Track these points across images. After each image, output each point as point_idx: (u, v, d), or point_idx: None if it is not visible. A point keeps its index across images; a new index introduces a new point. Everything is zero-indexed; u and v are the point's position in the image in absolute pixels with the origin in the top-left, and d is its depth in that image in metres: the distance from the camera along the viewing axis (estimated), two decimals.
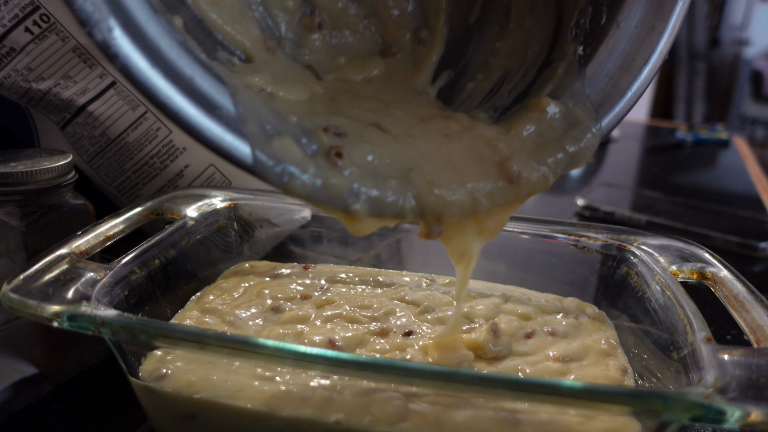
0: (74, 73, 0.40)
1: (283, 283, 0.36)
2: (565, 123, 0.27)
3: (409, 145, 0.25)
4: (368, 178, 0.24)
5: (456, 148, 0.26)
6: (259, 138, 0.22)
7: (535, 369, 0.29)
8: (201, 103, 0.21)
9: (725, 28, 3.10)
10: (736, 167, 0.97)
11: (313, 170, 0.23)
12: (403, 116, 0.27)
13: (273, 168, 0.22)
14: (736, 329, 0.42)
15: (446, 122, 0.27)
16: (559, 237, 0.37)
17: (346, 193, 0.23)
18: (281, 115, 0.24)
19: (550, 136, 0.27)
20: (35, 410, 0.31)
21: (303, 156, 0.23)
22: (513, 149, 0.26)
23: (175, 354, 0.28)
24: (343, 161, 0.23)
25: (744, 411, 0.19)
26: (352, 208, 0.23)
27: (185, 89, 0.21)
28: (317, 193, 0.23)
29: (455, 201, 0.25)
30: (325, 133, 0.24)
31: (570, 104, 0.27)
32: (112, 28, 0.19)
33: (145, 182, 0.44)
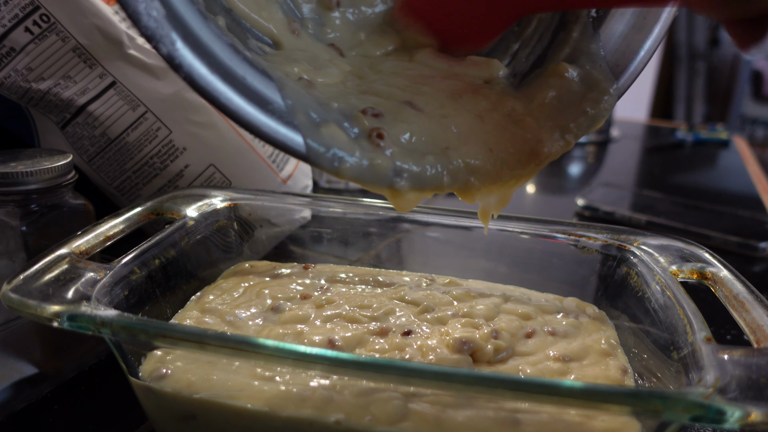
0: (74, 73, 0.40)
1: (283, 283, 0.36)
2: (583, 86, 0.28)
3: (444, 124, 0.27)
4: (408, 156, 0.25)
5: (487, 125, 0.27)
6: (309, 127, 0.24)
7: (536, 369, 0.29)
8: (255, 100, 0.23)
9: None
10: (736, 167, 0.97)
11: (359, 153, 0.25)
12: (432, 93, 0.28)
13: (324, 154, 0.24)
14: (736, 329, 0.42)
15: (476, 98, 0.28)
16: (559, 237, 0.37)
17: (390, 172, 0.25)
18: (324, 102, 0.26)
19: (570, 100, 0.28)
20: (35, 410, 0.31)
21: (348, 140, 0.25)
22: (539, 120, 0.27)
23: (175, 354, 0.28)
24: (385, 141, 0.25)
25: (744, 411, 0.19)
26: (397, 186, 0.25)
27: (241, 89, 0.23)
28: (365, 174, 0.25)
29: (487, 172, 0.26)
30: (364, 115, 0.26)
31: (587, 66, 0.28)
32: (175, 41, 0.21)
33: (145, 182, 0.44)
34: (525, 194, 0.80)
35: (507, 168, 0.27)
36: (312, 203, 0.41)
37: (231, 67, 0.23)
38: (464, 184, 0.26)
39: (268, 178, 0.47)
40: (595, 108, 0.28)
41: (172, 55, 0.21)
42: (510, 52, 0.31)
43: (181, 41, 0.21)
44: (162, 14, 0.20)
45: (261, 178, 0.47)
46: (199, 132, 0.43)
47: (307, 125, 0.24)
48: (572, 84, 0.28)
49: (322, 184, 0.71)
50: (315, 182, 0.68)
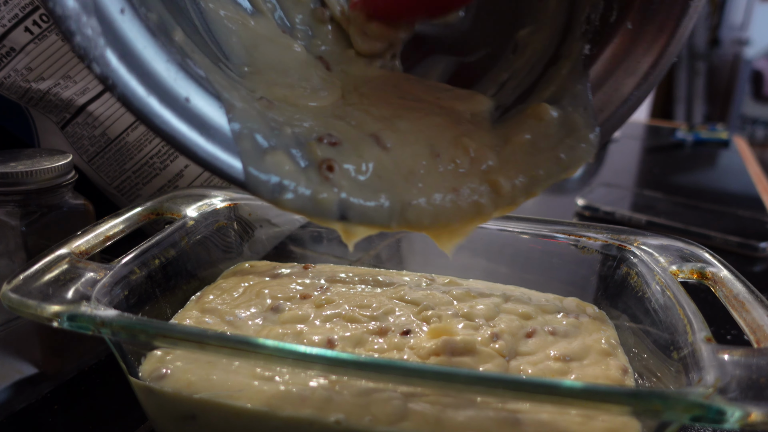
0: (74, 73, 0.40)
1: (283, 282, 0.36)
2: (562, 129, 0.27)
3: (407, 165, 0.26)
4: (358, 192, 0.24)
5: (451, 173, 0.26)
6: (252, 154, 0.23)
7: (536, 368, 0.29)
8: (195, 124, 0.22)
9: (725, 28, 3.10)
10: (736, 167, 0.97)
11: (303, 185, 0.23)
12: (408, 129, 0.27)
13: (265, 184, 0.23)
14: (736, 329, 0.42)
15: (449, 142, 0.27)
16: (559, 237, 0.37)
17: (335, 207, 0.24)
18: (276, 127, 0.24)
19: (545, 145, 0.26)
20: (35, 410, 0.31)
21: (295, 170, 0.24)
22: (509, 168, 0.26)
23: (174, 354, 0.28)
24: (334, 174, 0.24)
25: (744, 411, 0.19)
26: (340, 221, 0.24)
27: (181, 112, 0.22)
28: (307, 207, 0.24)
29: (439, 217, 0.25)
30: (319, 143, 0.25)
31: (569, 108, 0.27)
32: (110, 61, 0.20)
33: (145, 182, 0.44)
34: None
35: (462, 215, 0.26)
36: None
37: (173, 88, 0.22)
38: (415, 226, 0.25)
39: None
40: (569, 155, 0.26)
41: (106, 74, 0.20)
42: (499, 81, 0.30)
43: (117, 60, 0.20)
44: (98, 32, 0.19)
45: None
46: None
47: (250, 152, 0.23)
48: (550, 127, 0.26)
49: None
50: None
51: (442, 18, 0.32)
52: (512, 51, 0.30)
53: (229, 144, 0.23)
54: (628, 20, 0.26)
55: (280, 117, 0.25)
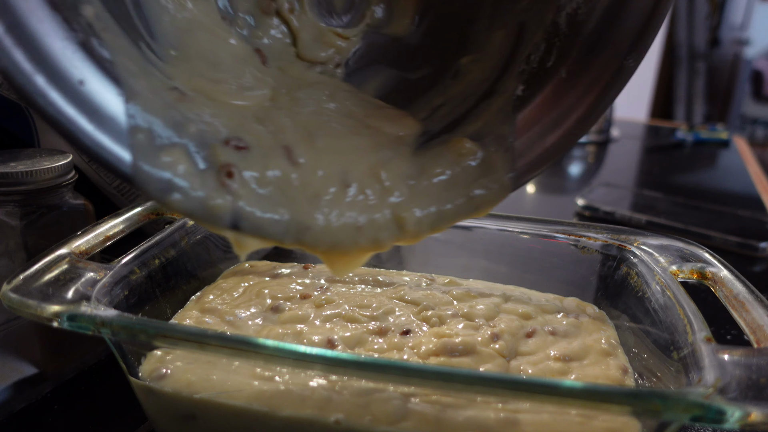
0: None
1: (283, 282, 0.36)
2: (480, 168, 0.26)
3: (310, 183, 0.25)
4: (255, 202, 0.23)
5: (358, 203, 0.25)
6: (146, 149, 0.22)
7: (537, 368, 0.29)
8: (85, 109, 0.21)
9: (725, 28, 3.10)
10: (736, 167, 0.97)
11: (197, 188, 0.22)
12: (325, 146, 0.26)
13: (155, 181, 0.22)
14: (736, 329, 0.42)
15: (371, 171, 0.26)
16: (559, 237, 0.37)
17: (227, 215, 0.23)
18: (181, 123, 0.23)
19: (460, 181, 0.26)
20: (35, 410, 0.31)
21: (190, 171, 0.22)
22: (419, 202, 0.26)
23: (174, 354, 0.28)
24: (233, 181, 0.23)
25: (744, 411, 0.19)
26: (232, 230, 0.23)
27: (70, 94, 0.20)
28: (197, 211, 0.22)
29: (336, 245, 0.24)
30: (224, 146, 0.23)
31: (491, 148, 0.26)
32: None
33: None
34: (525, 194, 0.80)
35: (360, 247, 0.25)
36: None
37: (66, 68, 0.20)
38: (310, 248, 0.24)
39: None
40: (481, 194, 0.26)
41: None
42: (432, 105, 0.29)
43: (3, 31, 0.19)
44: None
45: None
46: None
47: (144, 146, 0.21)
48: (468, 164, 0.26)
49: None
50: None
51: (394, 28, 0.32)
52: (452, 76, 0.30)
53: (121, 134, 0.21)
54: (563, 68, 0.26)
55: (190, 112, 0.24)
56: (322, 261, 0.25)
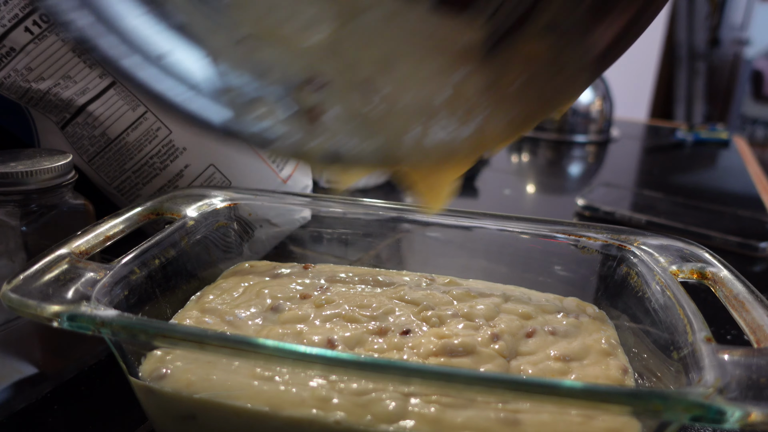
0: (74, 73, 0.40)
1: (283, 282, 0.36)
2: (555, 65, 0.25)
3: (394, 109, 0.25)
4: (345, 136, 0.24)
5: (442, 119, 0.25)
6: (239, 105, 0.23)
7: (537, 368, 0.29)
8: (178, 79, 0.22)
9: (725, 28, 3.10)
10: (736, 167, 0.97)
11: (291, 134, 0.23)
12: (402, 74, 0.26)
13: (253, 135, 0.23)
14: (736, 329, 0.42)
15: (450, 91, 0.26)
16: (559, 237, 0.37)
17: (323, 153, 0.24)
18: (262, 72, 0.24)
19: (536, 81, 0.25)
20: (35, 410, 0.31)
21: (282, 118, 0.23)
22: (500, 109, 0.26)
23: (174, 354, 0.28)
24: (321, 120, 0.24)
25: (744, 411, 0.19)
26: (330, 165, 0.24)
27: (162, 68, 0.21)
28: (295, 156, 0.23)
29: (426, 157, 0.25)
30: (307, 86, 0.24)
31: (565, 40, 0.25)
32: (85, 24, 0.19)
33: (145, 182, 0.44)
34: (525, 194, 0.80)
35: (451, 158, 0.25)
36: (312, 203, 0.41)
37: (153, 43, 0.21)
38: (404, 165, 0.25)
39: (268, 178, 0.47)
40: (560, 91, 0.25)
41: (83, 37, 0.19)
42: (495, 3, 0.27)
43: (92, 22, 0.19)
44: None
45: (261, 178, 0.47)
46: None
47: (236, 103, 0.23)
48: (542, 63, 0.25)
49: (322, 184, 0.71)
50: (315, 182, 0.68)
51: None
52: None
53: (214, 96, 0.22)
54: None
55: (267, 59, 0.24)
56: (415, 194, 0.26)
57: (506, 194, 0.76)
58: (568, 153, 1.01)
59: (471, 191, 0.73)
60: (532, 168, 0.95)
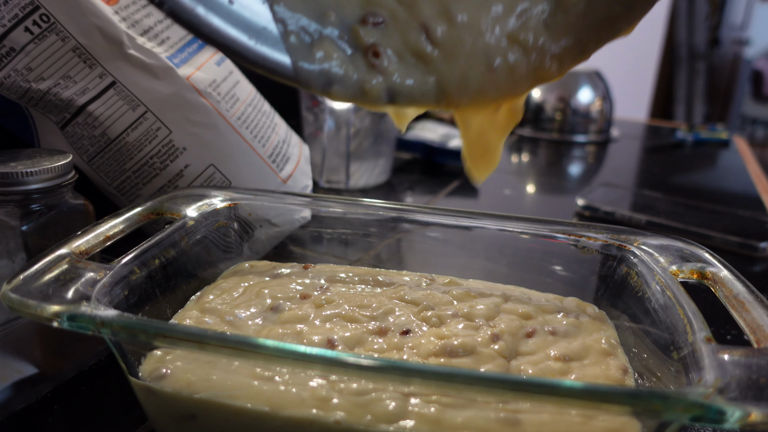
0: (74, 73, 0.40)
1: (283, 282, 0.36)
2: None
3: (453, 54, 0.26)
4: (404, 75, 0.25)
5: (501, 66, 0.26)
6: (300, 48, 0.24)
7: (537, 368, 0.29)
8: (242, 27, 0.23)
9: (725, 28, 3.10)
10: (736, 167, 0.97)
11: (351, 74, 0.24)
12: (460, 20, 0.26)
13: (315, 77, 0.24)
14: (736, 329, 0.42)
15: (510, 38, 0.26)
16: (559, 237, 0.37)
17: (383, 93, 0.25)
18: (321, 14, 0.24)
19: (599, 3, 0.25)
20: (35, 410, 0.31)
21: (342, 59, 0.24)
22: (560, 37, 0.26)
23: (174, 354, 0.28)
24: (380, 60, 0.25)
25: (744, 411, 0.19)
26: (390, 105, 0.25)
27: (227, 17, 0.22)
28: (357, 96, 0.24)
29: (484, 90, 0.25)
30: (364, 26, 0.25)
31: None
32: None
33: (145, 182, 0.44)
34: (525, 194, 0.80)
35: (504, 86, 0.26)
36: (312, 203, 0.41)
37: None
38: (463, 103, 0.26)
39: (268, 178, 0.47)
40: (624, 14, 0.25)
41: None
42: None
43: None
44: None
45: (261, 178, 0.47)
46: (199, 132, 0.43)
47: (297, 47, 0.23)
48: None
49: (322, 184, 0.71)
50: (315, 182, 0.68)
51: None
52: None
53: (277, 42, 0.23)
54: None
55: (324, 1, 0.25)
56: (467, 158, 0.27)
57: (506, 194, 0.76)
58: (568, 153, 1.01)
59: (471, 191, 0.73)
60: (532, 168, 0.95)
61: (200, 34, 0.22)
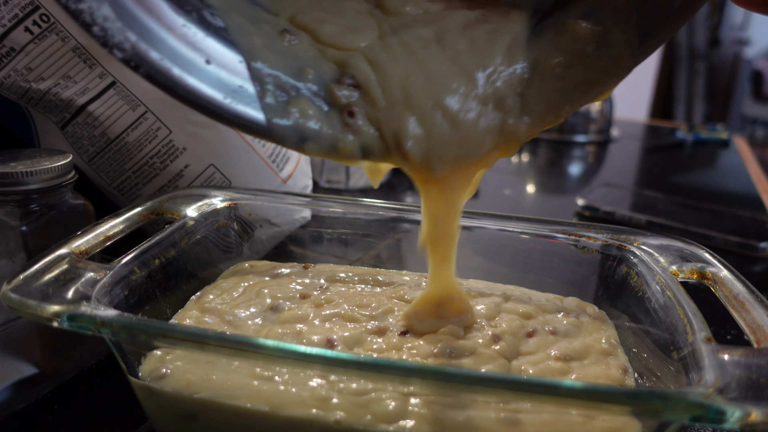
0: (74, 73, 0.40)
1: (283, 282, 0.36)
2: (598, 49, 0.25)
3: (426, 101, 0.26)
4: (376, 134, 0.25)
5: (477, 104, 0.26)
6: (276, 107, 0.24)
7: (537, 368, 0.29)
8: (218, 86, 0.23)
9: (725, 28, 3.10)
10: (736, 167, 0.97)
11: (326, 132, 0.24)
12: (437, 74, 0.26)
13: (290, 135, 0.24)
14: (736, 329, 0.42)
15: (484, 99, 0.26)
16: (559, 237, 0.37)
17: (357, 151, 0.25)
18: (299, 70, 0.25)
19: (577, 67, 0.25)
20: (35, 410, 0.31)
21: (317, 118, 0.24)
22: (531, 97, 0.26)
23: (174, 353, 0.28)
24: (355, 119, 0.25)
25: (744, 411, 0.19)
26: (363, 160, 0.25)
27: (203, 77, 0.22)
28: (330, 154, 0.25)
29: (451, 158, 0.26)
30: (340, 86, 0.25)
31: (609, 22, 0.25)
32: (129, 44, 0.20)
33: (145, 182, 0.44)
34: (525, 194, 0.80)
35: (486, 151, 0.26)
36: (312, 203, 0.41)
37: (193, 53, 0.22)
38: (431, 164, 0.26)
39: (268, 178, 0.47)
40: (601, 78, 0.25)
41: (127, 58, 0.20)
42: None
43: (136, 41, 0.21)
44: (112, 18, 0.20)
45: (261, 178, 0.47)
46: (199, 132, 0.43)
47: (274, 105, 0.24)
48: (585, 49, 0.25)
49: (322, 184, 0.71)
50: (315, 182, 0.68)
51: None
52: None
53: (252, 99, 0.23)
54: None
55: (304, 54, 0.25)
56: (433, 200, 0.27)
57: (506, 194, 0.76)
58: (568, 153, 1.01)
59: None
60: (532, 168, 0.95)
61: (175, 94, 0.22)
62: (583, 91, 0.25)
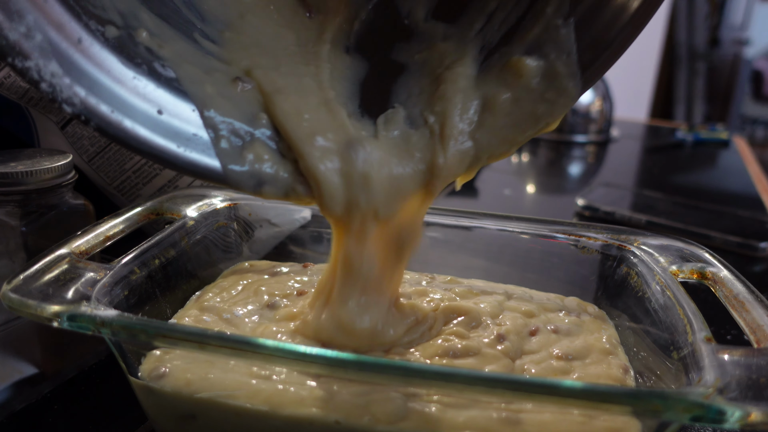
0: None
1: (281, 280, 0.36)
2: (543, 82, 0.26)
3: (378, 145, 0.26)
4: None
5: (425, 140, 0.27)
6: (231, 153, 0.24)
7: (540, 368, 0.29)
8: (171, 136, 0.23)
9: (725, 28, 3.11)
10: (736, 167, 0.97)
11: (282, 175, 0.25)
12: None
13: (246, 180, 0.24)
14: (736, 329, 0.42)
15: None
16: (559, 237, 0.37)
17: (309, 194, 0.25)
18: (252, 116, 0.25)
19: (524, 102, 0.26)
20: (35, 410, 0.31)
21: (272, 161, 0.25)
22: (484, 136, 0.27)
23: (174, 353, 0.28)
24: None
25: (744, 411, 0.19)
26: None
27: (155, 128, 0.23)
28: (287, 197, 0.25)
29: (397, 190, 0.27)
30: None
31: (552, 56, 0.26)
32: (78, 99, 0.21)
33: (145, 182, 0.44)
34: (525, 194, 0.80)
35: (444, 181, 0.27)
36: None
37: (144, 104, 0.22)
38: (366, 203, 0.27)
39: None
40: (548, 109, 0.26)
41: (78, 112, 0.21)
42: (487, 12, 0.28)
43: (85, 96, 0.21)
44: (59, 74, 0.20)
45: None
46: None
47: (229, 151, 0.24)
48: (530, 82, 0.26)
49: None
50: None
51: None
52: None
53: (207, 147, 0.23)
54: None
55: (257, 100, 0.25)
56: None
57: (506, 194, 0.76)
58: (568, 153, 1.01)
59: (471, 191, 0.73)
60: (532, 168, 0.95)
61: (128, 146, 0.22)
62: (533, 123, 0.26)
